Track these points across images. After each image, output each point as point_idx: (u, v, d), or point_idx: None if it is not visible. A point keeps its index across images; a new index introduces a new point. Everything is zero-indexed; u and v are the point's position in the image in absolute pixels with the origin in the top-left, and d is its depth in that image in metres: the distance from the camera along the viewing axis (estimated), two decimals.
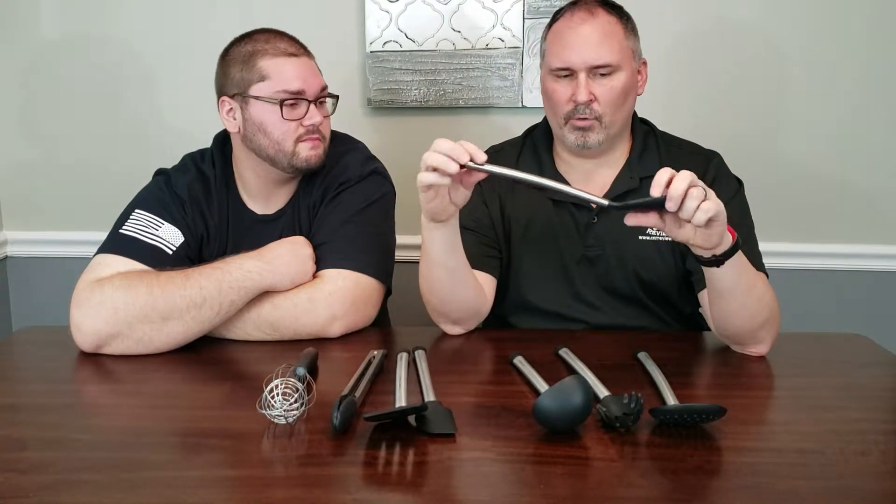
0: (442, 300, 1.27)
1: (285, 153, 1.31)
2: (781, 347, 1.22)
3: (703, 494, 0.83)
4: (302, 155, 1.32)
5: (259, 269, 1.24)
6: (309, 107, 1.31)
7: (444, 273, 1.23)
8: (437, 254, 1.21)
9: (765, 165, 1.88)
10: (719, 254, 1.08)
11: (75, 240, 2.03)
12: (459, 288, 1.26)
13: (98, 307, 1.21)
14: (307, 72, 1.32)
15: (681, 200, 0.98)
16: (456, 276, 1.25)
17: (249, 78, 1.30)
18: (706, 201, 0.99)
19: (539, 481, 0.84)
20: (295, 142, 1.31)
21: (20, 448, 0.93)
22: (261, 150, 1.33)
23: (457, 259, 1.23)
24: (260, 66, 1.30)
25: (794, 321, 1.39)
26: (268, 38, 1.32)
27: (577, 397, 0.92)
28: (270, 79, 1.29)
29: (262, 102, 1.29)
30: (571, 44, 1.28)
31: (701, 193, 0.99)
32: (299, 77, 1.30)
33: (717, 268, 1.09)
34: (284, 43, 1.32)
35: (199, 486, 0.84)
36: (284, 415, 0.95)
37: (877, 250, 1.92)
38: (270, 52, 1.30)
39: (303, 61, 1.32)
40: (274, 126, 1.30)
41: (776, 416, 1.07)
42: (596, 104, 1.28)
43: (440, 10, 1.87)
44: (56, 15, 1.97)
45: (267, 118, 1.30)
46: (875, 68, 1.83)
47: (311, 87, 1.31)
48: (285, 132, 1.30)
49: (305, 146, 1.32)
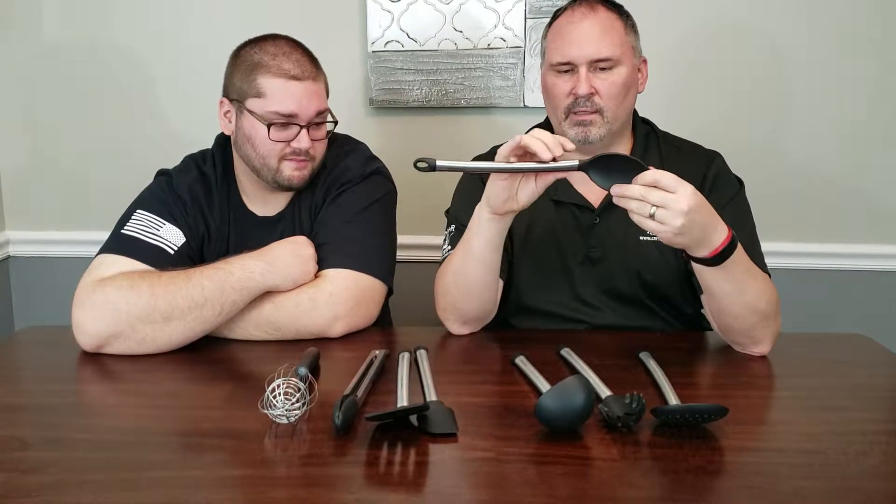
0: (466, 295, 1.27)
1: (269, 169, 1.31)
2: (783, 347, 1.22)
3: (704, 494, 0.82)
4: (285, 173, 1.32)
5: (261, 270, 1.24)
6: (300, 131, 1.30)
7: (479, 268, 1.23)
8: (479, 247, 1.21)
9: (766, 165, 1.88)
10: (698, 257, 1.09)
11: (77, 240, 2.04)
12: (488, 287, 1.26)
13: (100, 307, 1.21)
14: (305, 97, 1.28)
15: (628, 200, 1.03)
16: (490, 275, 1.25)
17: (247, 90, 1.29)
18: (650, 220, 1.02)
19: (541, 481, 0.84)
20: (280, 160, 1.31)
21: (22, 448, 0.93)
22: (248, 160, 1.33)
23: (498, 257, 1.23)
24: (259, 83, 1.28)
25: (795, 321, 1.39)
26: (276, 52, 1.29)
27: (578, 397, 0.92)
28: (265, 97, 1.28)
29: (254, 117, 1.29)
30: (572, 39, 1.28)
31: (645, 210, 1.02)
32: (295, 102, 1.28)
33: (706, 267, 1.10)
34: (290, 63, 1.28)
35: (201, 486, 0.84)
36: (286, 414, 0.95)
37: (878, 250, 1.92)
38: (273, 71, 1.28)
39: (304, 86, 1.28)
40: (261, 142, 1.29)
41: (778, 416, 1.07)
42: (597, 97, 1.28)
43: (442, 9, 1.87)
44: (58, 18, 1.97)
45: (256, 133, 1.30)
46: (876, 67, 1.83)
47: (306, 112, 1.29)
48: (271, 149, 1.30)
49: (290, 165, 1.31)
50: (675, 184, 1.02)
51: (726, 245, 1.08)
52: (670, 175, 1.02)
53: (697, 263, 1.11)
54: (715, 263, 1.09)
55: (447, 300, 1.29)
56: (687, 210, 1.01)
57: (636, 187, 1.02)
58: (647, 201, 1.02)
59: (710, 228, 1.06)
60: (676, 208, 1.01)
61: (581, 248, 1.36)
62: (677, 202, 1.01)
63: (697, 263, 1.11)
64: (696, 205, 1.02)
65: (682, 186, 1.02)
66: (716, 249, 1.07)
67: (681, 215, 1.01)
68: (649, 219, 1.02)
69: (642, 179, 1.02)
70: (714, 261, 1.09)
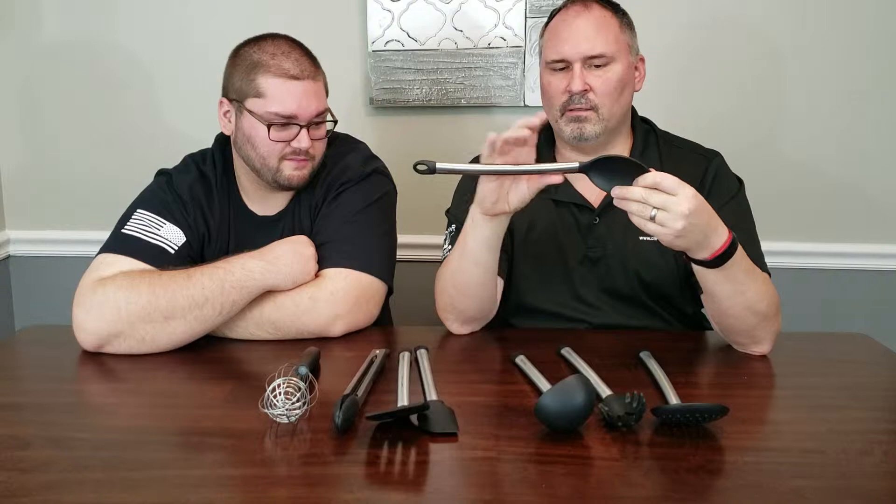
0: (463, 295, 1.27)
1: (269, 168, 1.31)
2: (783, 347, 1.22)
3: (705, 494, 0.82)
4: (285, 173, 1.32)
5: (261, 269, 1.24)
6: (300, 131, 1.29)
7: (475, 268, 1.24)
8: (474, 247, 1.21)
9: (766, 165, 1.88)
10: (699, 259, 1.09)
11: (78, 239, 2.04)
12: (485, 287, 1.26)
13: (100, 306, 1.21)
14: (304, 97, 1.28)
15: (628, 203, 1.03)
16: (486, 275, 1.25)
17: (247, 90, 1.29)
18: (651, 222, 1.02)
19: (541, 480, 0.84)
20: (280, 159, 1.31)
21: (23, 447, 0.93)
22: (248, 160, 1.33)
23: (493, 258, 1.23)
24: (258, 83, 1.28)
25: (795, 321, 1.39)
26: (275, 51, 1.29)
27: (579, 397, 0.92)
28: (265, 98, 1.28)
29: (254, 117, 1.29)
30: (566, 36, 1.29)
31: (645, 212, 1.02)
32: (295, 102, 1.27)
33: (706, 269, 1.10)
34: (290, 62, 1.28)
35: (202, 486, 0.84)
36: (287, 414, 0.95)
37: (879, 249, 1.92)
38: (272, 71, 1.27)
39: (303, 85, 1.28)
40: (261, 142, 1.29)
41: (778, 415, 1.07)
42: (591, 94, 1.29)
43: (442, 9, 1.87)
44: (58, 18, 1.97)
45: (255, 133, 1.29)
46: (876, 66, 1.83)
47: (306, 112, 1.29)
48: (271, 149, 1.29)
49: (290, 165, 1.31)
50: (677, 186, 1.01)
51: (726, 247, 1.07)
52: (672, 177, 1.02)
53: (698, 265, 1.11)
54: (715, 266, 1.09)
55: (446, 300, 1.29)
56: (687, 213, 1.01)
57: (637, 189, 1.02)
58: (647, 203, 1.02)
59: (711, 231, 1.06)
60: (677, 211, 1.01)
61: (581, 248, 1.36)
62: (678, 205, 1.01)
63: (698, 265, 1.11)
64: (697, 208, 1.02)
65: (684, 189, 1.02)
66: (716, 252, 1.07)
67: (681, 218, 1.01)
68: (650, 221, 1.02)
69: (643, 181, 1.02)
70: (714, 263, 1.09)
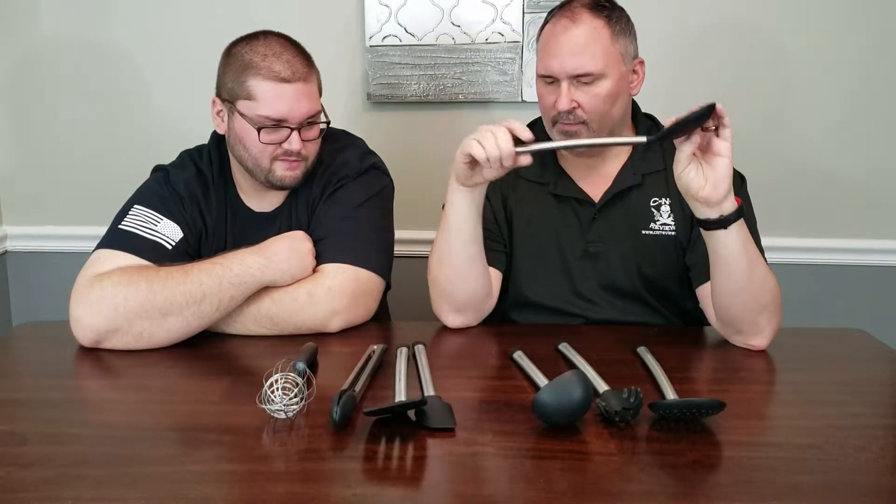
0: (452, 275, 1.27)
1: (262, 169, 1.31)
2: (781, 342, 1.22)
3: (702, 489, 0.83)
4: (278, 173, 1.31)
5: (259, 265, 1.24)
6: (291, 133, 1.28)
7: (458, 240, 1.24)
8: (456, 219, 1.22)
9: (767, 161, 1.88)
10: (726, 213, 1.10)
11: (75, 235, 2.03)
12: (473, 263, 1.26)
13: (98, 302, 1.21)
14: (295, 100, 1.27)
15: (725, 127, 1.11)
16: (471, 247, 1.25)
17: (238, 92, 1.28)
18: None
19: (539, 476, 0.84)
20: (271, 160, 1.30)
21: (21, 443, 0.93)
22: (241, 160, 1.33)
23: (476, 229, 1.24)
24: (249, 85, 1.27)
25: (794, 316, 1.39)
26: (266, 52, 1.27)
27: (576, 392, 0.92)
28: (255, 100, 1.27)
29: (245, 120, 1.28)
30: (553, 52, 1.28)
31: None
32: (285, 105, 1.26)
33: (723, 230, 1.11)
34: (281, 64, 1.26)
35: (199, 481, 0.84)
36: (284, 409, 0.95)
37: (877, 245, 1.92)
38: (263, 73, 1.26)
39: (294, 88, 1.27)
40: (252, 143, 1.29)
41: (776, 410, 1.07)
42: (580, 110, 1.28)
43: (440, 4, 1.87)
44: (54, 13, 1.96)
45: (247, 134, 1.29)
46: (875, 64, 1.83)
47: (297, 115, 1.27)
48: (262, 151, 1.29)
49: (282, 165, 1.31)
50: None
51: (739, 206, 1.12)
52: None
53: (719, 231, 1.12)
54: (731, 220, 1.11)
55: (437, 285, 1.30)
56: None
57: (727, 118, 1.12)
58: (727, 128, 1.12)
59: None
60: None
61: (580, 243, 1.36)
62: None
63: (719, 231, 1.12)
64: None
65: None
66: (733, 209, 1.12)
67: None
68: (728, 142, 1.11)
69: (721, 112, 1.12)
70: (736, 216, 1.11)
